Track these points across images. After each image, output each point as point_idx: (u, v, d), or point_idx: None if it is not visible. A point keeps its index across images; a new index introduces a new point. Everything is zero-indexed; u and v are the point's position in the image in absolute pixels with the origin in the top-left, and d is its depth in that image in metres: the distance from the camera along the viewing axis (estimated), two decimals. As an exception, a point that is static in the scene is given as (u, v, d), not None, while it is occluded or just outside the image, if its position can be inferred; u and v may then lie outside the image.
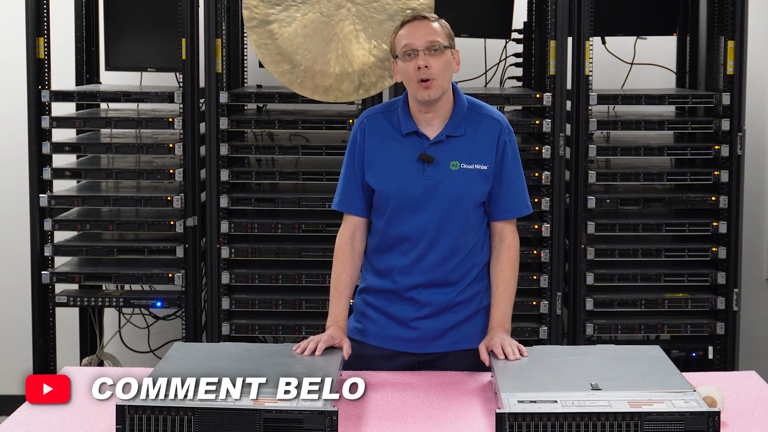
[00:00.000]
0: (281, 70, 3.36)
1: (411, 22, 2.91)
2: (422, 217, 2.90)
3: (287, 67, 3.35)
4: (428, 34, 2.87)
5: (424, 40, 2.86)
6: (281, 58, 3.35)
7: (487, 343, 2.84)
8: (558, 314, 4.28)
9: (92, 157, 4.63)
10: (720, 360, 4.34)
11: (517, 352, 2.77)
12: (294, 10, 3.33)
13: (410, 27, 2.90)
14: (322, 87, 3.37)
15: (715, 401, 2.46)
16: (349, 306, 3.01)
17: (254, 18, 3.34)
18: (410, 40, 2.87)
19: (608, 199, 4.29)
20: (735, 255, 4.30)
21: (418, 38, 2.87)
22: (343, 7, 3.32)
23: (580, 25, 4.23)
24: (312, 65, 3.34)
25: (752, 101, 4.81)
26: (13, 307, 5.16)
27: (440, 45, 2.87)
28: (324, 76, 3.35)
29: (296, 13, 3.33)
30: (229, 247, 4.29)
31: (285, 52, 3.33)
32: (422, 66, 2.85)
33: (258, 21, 3.34)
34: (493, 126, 2.95)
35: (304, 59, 3.34)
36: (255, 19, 3.34)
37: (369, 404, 2.61)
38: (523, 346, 2.81)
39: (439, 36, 2.88)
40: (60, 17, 4.67)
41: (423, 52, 2.85)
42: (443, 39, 2.88)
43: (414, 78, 2.86)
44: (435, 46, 2.86)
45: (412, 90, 2.89)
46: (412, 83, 2.88)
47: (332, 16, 3.33)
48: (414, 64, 2.86)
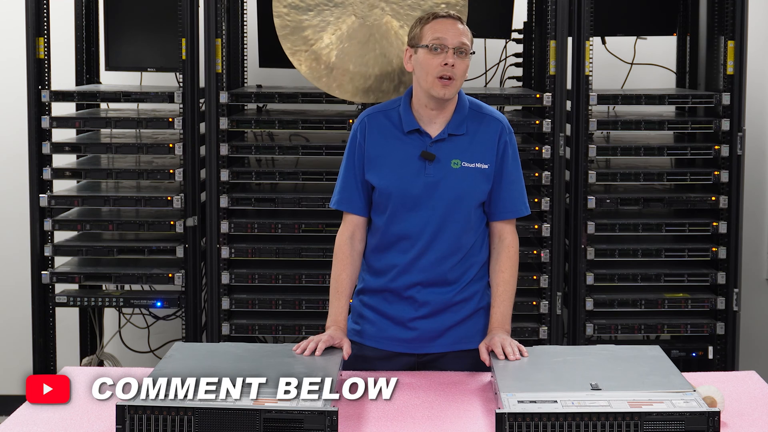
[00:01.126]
0: (318, 75, 3.35)
1: (445, 18, 2.90)
2: (423, 215, 2.91)
3: (324, 72, 3.34)
4: (461, 35, 2.88)
5: (457, 39, 2.86)
6: (317, 64, 3.34)
7: (487, 343, 2.84)
8: (558, 314, 4.28)
9: (92, 157, 4.63)
10: (720, 360, 4.34)
11: (517, 352, 2.77)
12: (327, 14, 3.32)
13: (443, 23, 2.89)
14: (362, 88, 3.35)
15: (715, 401, 2.46)
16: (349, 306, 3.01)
17: (287, 26, 3.32)
18: (443, 35, 2.86)
19: (608, 199, 4.29)
20: (735, 255, 4.30)
21: (452, 36, 2.86)
22: (377, 7, 3.31)
23: (580, 25, 4.23)
24: (350, 68, 3.33)
25: (752, 101, 4.81)
26: (13, 307, 5.16)
27: (468, 49, 2.88)
28: (363, 77, 3.34)
29: (330, 17, 3.32)
30: (229, 247, 4.29)
31: (321, 57, 3.32)
32: (450, 63, 2.85)
33: (291, 29, 3.32)
34: (495, 125, 2.96)
35: (341, 62, 3.33)
36: (288, 27, 3.32)
37: (369, 404, 2.61)
38: (523, 346, 2.81)
39: (468, 40, 2.90)
40: (60, 17, 4.67)
41: (453, 51, 2.85)
42: (470, 44, 2.90)
43: (435, 73, 2.85)
44: (464, 48, 2.87)
45: (428, 84, 2.87)
46: (430, 77, 2.86)
47: (366, 17, 3.31)
48: (441, 59, 2.85)
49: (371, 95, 3.37)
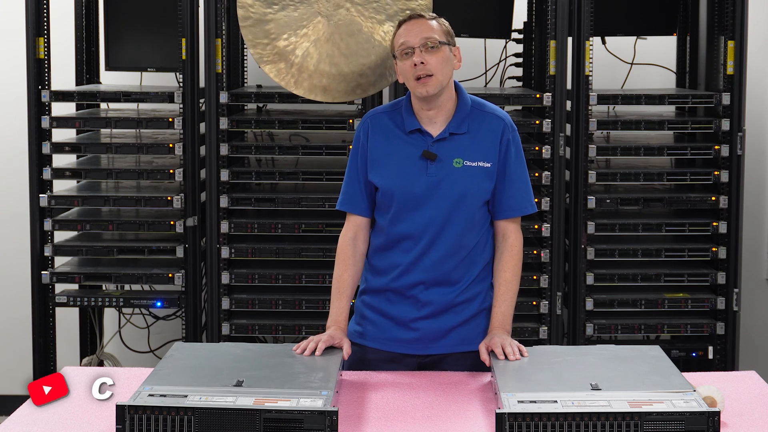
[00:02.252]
0: (277, 70, 3.35)
1: (408, 22, 2.94)
2: (425, 215, 2.91)
3: (282, 66, 3.34)
4: (423, 32, 2.89)
5: (420, 37, 2.88)
6: (278, 58, 3.34)
7: (488, 343, 2.84)
8: (558, 314, 4.28)
9: (92, 157, 4.63)
10: (720, 360, 4.34)
11: (517, 352, 2.77)
12: (291, 10, 3.32)
13: (407, 26, 2.93)
14: (320, 86, 3.35)
15: (715, 401, 2.46)
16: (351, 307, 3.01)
17: (249, 17, 3.33)
18: (406, 38, 2.90)
19: (608, 199, 4.29)
20: (735, 255, 4.30)
21: (414, 36, 2.89)
22: (342, 7, 3.31)
23: (580, 25, 4.23)
24: (309, 65, 3.33)
25: (752, 101, 4.81)
26: (13, 307, 5.16)
27: (435, 41, 2.88)
28: (321, 75, 3.34)
29: (294, 13, 3.32)
30: (229, 247, 4.29)
31: (281, 51, 3.32)
32: (418, 63, 2.86)
33: (253, 20, 3.33)
34: (497, 124, 2.96)
35: (300, 59, 3.33)
36: (250, 18, 3.33)
37: (369, 404, 2.61)
38: (523, 346, 2.81)
39: (435, 32, 2.90)
40: (60, 17, 4.67)
41: (419, 49, 2.87)
42: (439, 35, 2.90)
43: (411, 75, 2.88)
44: (430, 42, 2.88)
45: (411, 87, 2.91)
46: (410, 81, 2.90)
47: (331, 16, 3.32)
48: (411, 61, 2.88)
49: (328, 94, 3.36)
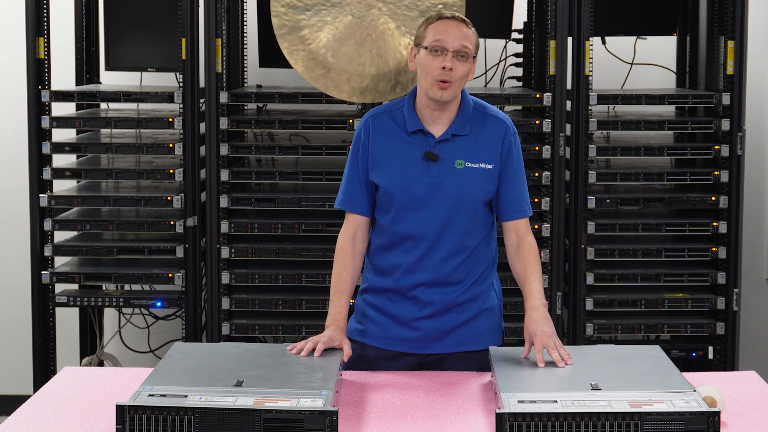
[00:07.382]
0: (315, 75, 3.35)
1: (448, 20, 2.88)
2: (427, 215, 2.91)
3: (321, 72, 3.34)
4: (462, 38, 2.86)
5: (458, 42, 2.85)
6: (314, 63, 3.34)
7: (532, 331, 2.77)
8: (558, 314, 4.28)
9: (92, 157, 4.63)
10: (720, 360, 4.34)
11: (562, 360, 2.69)
12: (324, 14, 3.32)
13: (447, 24, 2.87)
14: (359, 89, 3.36)
15: (715, 401, 2.46)
16: (350, 306, 3.01)
17: (284, 25, 3.33)
18: (444, 37, 2.85)
19: (608, 199, 4.29)
20: (735, 255, 4.30)
21: (452, 38, 2.85)
22: (374, 7, 3.31)
23: (580, 25, 4.23)
24: (347, 68, 3.33)
25: (752, 101, 4.81)
26: (13, 307, 5.16)
27: (469, 53, 2.87)
28: (360, 77, 3.34)
29: (327, 17, 3.32)
30: (229, 247, 4.29)
31: (318, 56, 3.32)
32: (447, 67, 2.83)
33: (288, 28, 3.33)
34: (499, 126, 2.96)
35: (338, 62, 3.33)
36: (285, 27, 3.33)
37: (369, 404, 2.61)
38: (569, 352, 2.73)
39: (470, 43, 2.87)
40: (60, 17, 4.67)
41: (452, 54, 2.84)
42: (473, 48, 2.88)
43: (434, 75, 2.85)
44: (465, 52, 2.85)
45: (427, 85, 2.87)
46: (429, 78, 2.86)
47: (364, 17, 3.32)
48: (440, 61, 2.84)
49: (368, 95, 3.37)
